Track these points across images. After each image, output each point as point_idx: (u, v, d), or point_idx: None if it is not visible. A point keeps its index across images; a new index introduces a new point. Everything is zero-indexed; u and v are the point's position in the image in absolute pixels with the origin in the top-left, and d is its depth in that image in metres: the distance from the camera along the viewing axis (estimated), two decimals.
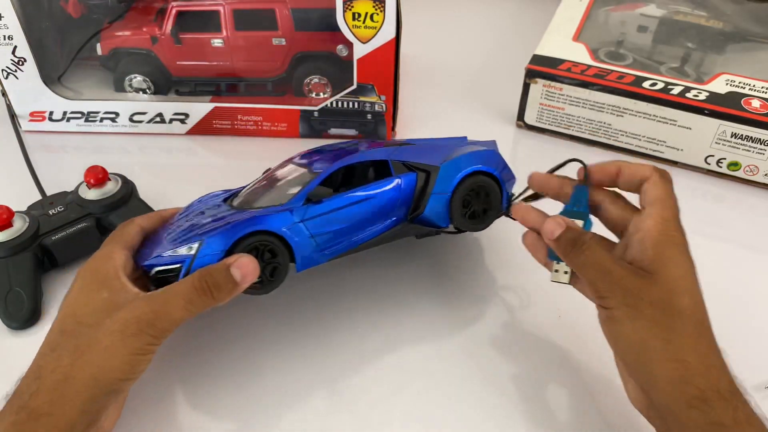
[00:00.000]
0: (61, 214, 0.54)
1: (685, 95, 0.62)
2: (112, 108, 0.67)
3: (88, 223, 0.54)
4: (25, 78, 0.64)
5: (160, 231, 0.48)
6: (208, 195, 0.52)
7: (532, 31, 0.74)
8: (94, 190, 0.55)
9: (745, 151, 0.61)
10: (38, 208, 0.55)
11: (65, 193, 0.57)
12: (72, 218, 0.54)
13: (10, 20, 0.60)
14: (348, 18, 0.59)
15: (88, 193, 0.55)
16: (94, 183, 0.55)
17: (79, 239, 0.53)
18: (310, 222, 0.45)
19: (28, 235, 0.51)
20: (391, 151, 0.49)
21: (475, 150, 0.51)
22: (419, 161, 0.49)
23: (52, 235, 0.52)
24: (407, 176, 0.48)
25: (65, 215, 0.54)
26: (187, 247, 0.42)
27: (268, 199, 0.47)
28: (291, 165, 0.51)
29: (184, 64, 0.67)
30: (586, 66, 0.66)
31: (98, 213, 0.55)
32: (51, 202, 0.55)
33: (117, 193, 0.56)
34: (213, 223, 0.44)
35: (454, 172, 0.48)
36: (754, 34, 0.72)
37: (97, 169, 0.55)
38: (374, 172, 0.50)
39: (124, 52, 0.67)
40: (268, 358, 0.48)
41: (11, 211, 0.52)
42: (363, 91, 0.64)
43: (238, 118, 0.68)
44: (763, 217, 0.61)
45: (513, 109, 0.69)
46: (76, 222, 0.53)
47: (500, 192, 0.50)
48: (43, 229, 0.53)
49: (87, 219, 0.54)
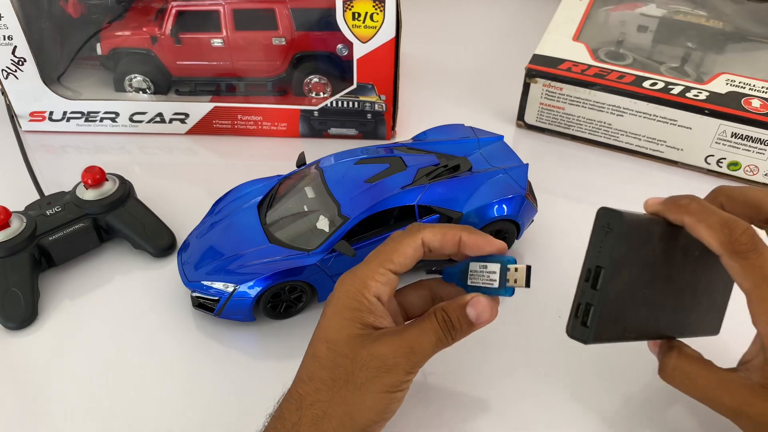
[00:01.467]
0: (58, 214, 0.54)
1: (685, 95, 0.62)
2: (112, 108, 0.67)
3: (85, 223, 0.54)
4: (25, 78, 0.64)
5: (198, 228, 0.53)
6: (245, 186, 0.55)
7: (532, 31, 0.74)
8: (92, 190, 0.55)
9: (745, 150, 0.61)
10: (36, 208, 0.55)
11: (63, 193, 0.57)
12: (69, 218, 0.54)
13: (10, 20, 0.60)
14: (348, 18, 0.59)
15: (85, 194, 0.55)
16: (92, 183, 0.55)
17: (77, 239, 0.53)
18: (333, 266, 0.49)
19: (26, 235, 0.51)
20: (417, 192, 0.50)
21: (503, 180, 0.53)
22: (444, 206, 0.50)
23: (50, 236, 0.52)
24: (430, 219, 0.51)
25: (62, 215, 0.54)
26: (224, 284, 0.48)
27: (297, 231, 0.50)
28: (320, 183, 0.52)
29: (184, 64, 0.67)
30: (586, 66, 0.66)
31: (95, 213, 0.55)
32: (48, 203, 0.55)
33: (114, 194, 0.55)
34: (248, 258, 0.49)
35: (475, 220, 0.51)
36: (754, 34, 0.72)
37: (95, 170, 0.55)
38: (399, 209, 0.51)
39: (124, 52, 0.67)
40: None
41: (8, 212, 0.52)
42: (363, 90, 0.64)
43: (238, 118, 0.68)
44: None
45: (513, 108, 0.69)
46: (74, 222, 0.53)
47: (517, 231, 0.54)
48: (41, 229, 0.53)
49: (84, 219, 0.54)
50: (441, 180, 0.51)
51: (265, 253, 0.49)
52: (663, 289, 0.38)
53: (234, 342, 0.50)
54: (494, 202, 0.51)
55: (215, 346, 0.50)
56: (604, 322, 0.36)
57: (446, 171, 0.52)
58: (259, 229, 0.51)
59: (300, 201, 0.52)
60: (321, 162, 0.54)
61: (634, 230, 0.36)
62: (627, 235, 0.35)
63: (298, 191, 0.53)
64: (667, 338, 0.40)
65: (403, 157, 0.53)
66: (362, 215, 0.48)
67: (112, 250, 0.57)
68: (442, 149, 0.55)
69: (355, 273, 0.39)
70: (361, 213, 0.48)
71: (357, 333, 0.38)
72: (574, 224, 0.59)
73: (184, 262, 0.51)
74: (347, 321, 0.38)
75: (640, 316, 0.38)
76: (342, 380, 0.37)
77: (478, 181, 0.52)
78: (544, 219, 0.59)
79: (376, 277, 0.39)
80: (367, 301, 0.38)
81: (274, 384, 0.40)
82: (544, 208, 0.59)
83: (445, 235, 0.39)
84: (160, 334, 0.50)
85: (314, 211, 0.50)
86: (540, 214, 0.58)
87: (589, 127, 0.67)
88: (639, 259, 0.36)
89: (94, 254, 0.56)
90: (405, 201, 0.50)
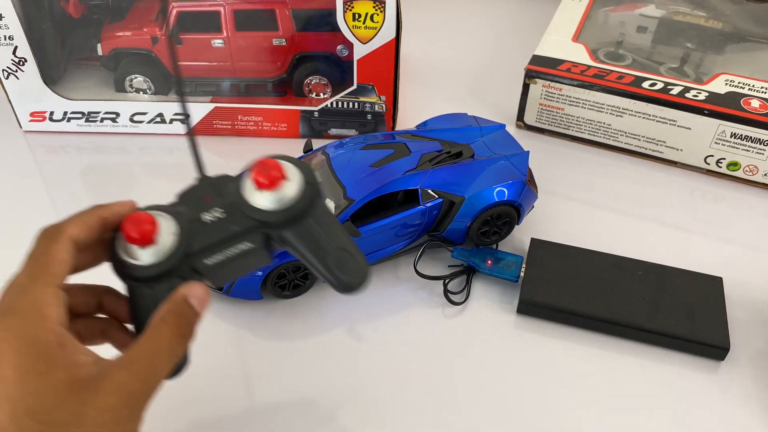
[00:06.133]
0: (219, 223, 0.36)
1: (685, 95, 0.62)
2: (112, 108, 0.67)
3: (254, 244, 0.35)
4: (26, 78, 0.64)
5: None
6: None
7: (532, 31, 0.74)
8: (267, 193, 0.36)
9: (744, 151, 0.62)
10: (191, 200, 0.37)
11: (225, 179, 0.38)
12: (234, 232, 0.35)
13: (11, 20, 0.60)
14: (348, 18, 0.59)
15: (256, 196, 0.36)
16: (267, 185, 0.35)
17: (240, 263, 0.36)
18: None
19: (178, 256, 0.34)
20: (420, 176, 0.51)
21: (505, 167, 0.54)
22: (448, 191, 0.52)
23: (207, 257, 0.35)
24: (433, 203, 0.51)
25: (224, 226, 0.36)
26: None
27: None
28: (326, 168, 0.52)
29: (184, 64, 0.67)
30: (585, 66, 0.66)
31: (269, 228, 0.36)
32: (207, 196, 0.37)
33: (299, 202, 0.35)
34: None
35: (477, 204, 0.52)
36: (754, 34, 0.72)
37: (270, 165, 0.35)
38: (403, 193, 0.52)
39: (125, 53, 0.67)
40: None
41: (154, 221, 0.34)
42: (363, 91, 0.64)
43: (238, 119, 0.68)
44: (763, 217, 0.61)
45: (513, 109, 0.69)
46: (239, 239, 0.35)
47: (518, 216, 0.54)
48: (196, 246, 0.35)
49: (253, 235, 0.36)
50: (444, 165, 0.52)
51: None
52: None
53: (241, 321, 0.51)
54: (495, 186, 0.52)
55: (221, 324, 0.50)
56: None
57: (449, 157, 0.53)
58: None
59: None
60: (327, 148, 0.55)
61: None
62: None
63: None
64: None
65: (407, 144, 0.54)
66: (367, 198, 0.49)
67: None
68: (445, 137, 0.56)
69: (15, 309, 0.29)
70: (365, 196, 0.49)
71: (65, 388, 0.28)
72: (573, 225, 0.59)
73: None
74: (43, 376, 0.28)
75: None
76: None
77: (480, 166, 0.53)
78: (543, 219, 0.59)
79: (48, 300, 0.30)
80: (54, 335, 0.29)
81: (279, 361, 0.39)
82: (544, 209, 0.59)
83: (85, 220, 0.33)
84: None
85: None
86: (539, 214, 0.59)
87: (589, 127, 0.67)
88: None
89: None
90: (409, 185, 0.51)
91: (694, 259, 0.54)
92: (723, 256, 0.56)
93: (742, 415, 0.45)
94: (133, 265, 0.33)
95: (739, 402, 0.46)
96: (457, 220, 0.52)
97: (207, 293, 0.33)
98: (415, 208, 0.51)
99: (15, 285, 0.30)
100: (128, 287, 0.34)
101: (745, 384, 0.47)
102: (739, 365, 0.48)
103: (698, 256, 0.56)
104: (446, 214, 0.52)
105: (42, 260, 0.31)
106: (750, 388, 0.47)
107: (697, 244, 0.58)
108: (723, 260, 0.55)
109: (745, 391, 0.47)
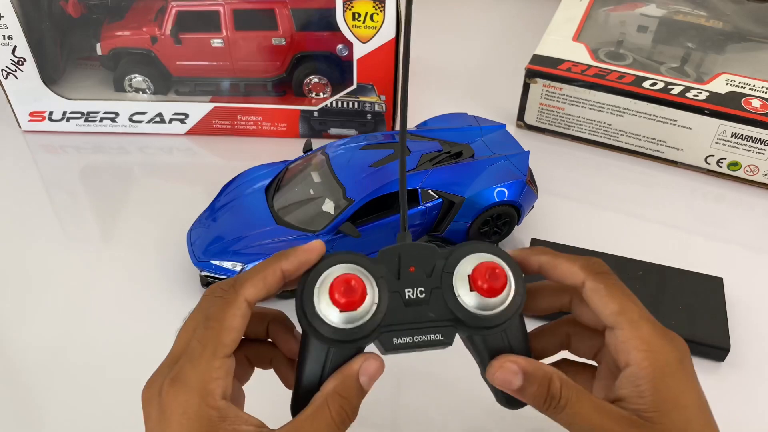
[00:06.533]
0: (419, 305, 0.32)
1: (685, 95, 0.62)
2: (111, 108, 0.67)
3: (445, 338, 0.33)
4: (25, 78, 0.64)
5: (207, 211, 0.54)
6: (252, 171, 0.56)
7: (532, 31, 0.74)
8: (478, 296, 0.32)
9: (745, 150, 0.61)
10: (394, 264, 0.33)
11: (433, 253, 0.33)
12: (430, 320, 0.32)
13: (10, 20, 0.60)
14: (348, 18, 0.59)
15: (466, 294, 0.32)
16: (486, 290, 0.32)
17: (420, 348, 0.33)
18: (338, 246, 0.50)
19: (371, 329, 0.31)
20: (420, 176, 0.51)
21: (505, 167, 0.54)
22: (447, 191, 0.52)
23: (396, 336, 0.32)
24: (433, 203, 0.51)
25: (423, 311, 0.32)
26: (233, 264, 0.49)
27: (303, 214, 0.51)
28: (326, 168, 0.53)
29: (184, 64, 0.67)
30: (586, 66, 0.66)
31: (463, 326, 0.32)
32: (411, 267, 0.32)
33: (504, 314, 0.32)
34: (256, 239, 0.50)
35: (477, 204, 0.52)
36: (754, 34, 0.72)
37: (498, 275, 0.32)
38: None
39: (124, 52, 0.67)
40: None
41: (365, 293, 0.31)
42: (363, 91, 0.64)
43: (238, 118, 0.68)
44: (763, 217, 0.61)
45: (513, 109, 0.69)
46: (433, 330, 0.32)
47: (518, 216, 0.54)
48: (390, 321, 0.32)
49: (447, 330, 0.33)
50: (444, 165, 0.52)
51: (273, 234, 0.50)
52: None
53: None
54: (495, 186, 0.52)
55: None
56: None
57: (449, 157, 0.53)
58: (266, 211, 0.52)
59: (306, 185, 0.53)
60: (327, 147, 0.55)
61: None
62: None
63: (304, 175, 0.54)
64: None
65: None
66: (366, 198, 0.50)
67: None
68: (445, 137, 0.56)
69: (183, 380, 0.29)
70: (365, 196, 0.50)
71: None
72: (573, 225, 0.59)
73: (193, 242, 0.52)
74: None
75: None
76: None
77: (479, 166, 0.53)
78: (543, 219, 0.59)
79: (214, 374, 0.29)
80: (217, 410, 0.29)
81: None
82: (544, 209, 0.59)
83: (266, 279, 0.31)
84: (168, 313, 0.50)
85: (320, 194, 0.51)
86: (540, 214, 0.59)
87: (589, 127, 0.67)
88: None
89: None
90: (408, 185, 0.51)
91: (694, 259, 0.54)
92: (723, 256, 0.56)
93: (743, 415, 0.45)
94: (323, 323, 0.30)
95: (740, 402, 0.46)
96: (457, 220, 0.52)
97: (381, 370, 0.32)
98: (415, 209, 0.51)
99: (188, 351, 0.30)
100: (304, 332, 0.32)
101: (746, 384, 0.47)
102: (740, 366, 0.48)
103: (698, 256, 0.56)
104: (446, 214, 0.52)
105: (215, 328, 0.30)
106: (750, 389, 0.47)
107: (698, 244, 0.58)
108: (723, 260, 0.55)
109: (746, 392, 0.47)
